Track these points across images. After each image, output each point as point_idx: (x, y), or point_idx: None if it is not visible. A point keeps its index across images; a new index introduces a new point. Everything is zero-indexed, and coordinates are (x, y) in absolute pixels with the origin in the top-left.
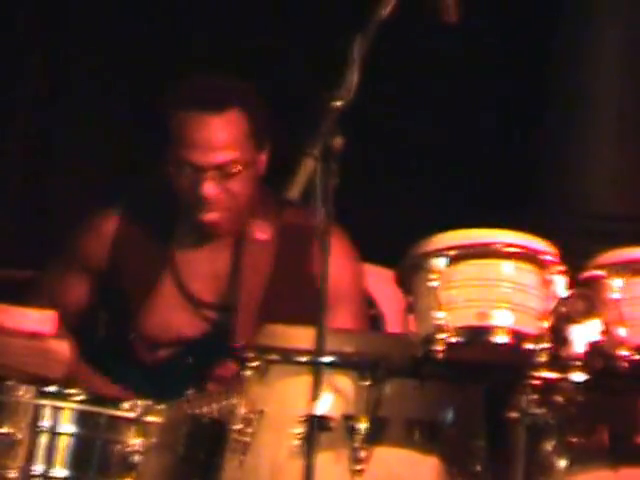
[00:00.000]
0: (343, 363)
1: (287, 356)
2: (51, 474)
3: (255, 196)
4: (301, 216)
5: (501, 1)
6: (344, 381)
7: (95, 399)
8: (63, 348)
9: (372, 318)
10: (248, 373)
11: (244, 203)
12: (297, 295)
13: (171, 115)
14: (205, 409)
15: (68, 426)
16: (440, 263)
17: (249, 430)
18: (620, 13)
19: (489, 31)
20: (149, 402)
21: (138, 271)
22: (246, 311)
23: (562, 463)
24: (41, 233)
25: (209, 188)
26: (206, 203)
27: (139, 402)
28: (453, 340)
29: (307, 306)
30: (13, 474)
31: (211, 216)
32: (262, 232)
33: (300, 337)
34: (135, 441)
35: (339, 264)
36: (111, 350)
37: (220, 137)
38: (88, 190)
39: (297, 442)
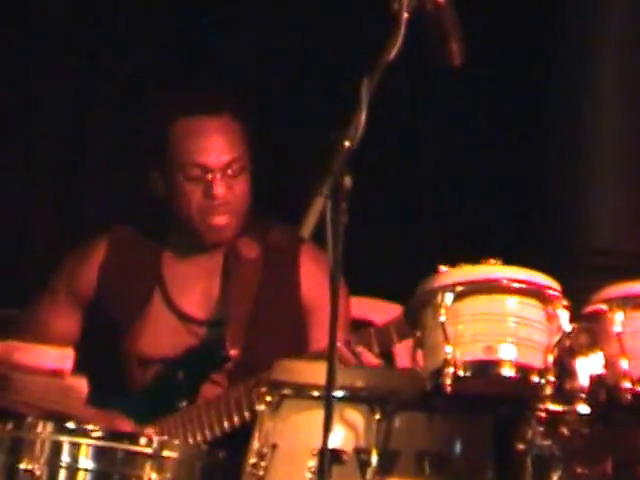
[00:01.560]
0: (354, 397)
1: (300, 391)
2: None
3: (248, 208)
4: (285, 236)
5: (500, 38)
6: (355, 415)
7: (112, 435)
8: (81, 385)
9: (382, 353)
10: (262, 408)
11: (245, 208)
12: (283, 312)
13: (170, 124)
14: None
15: (86, 461)
16: (447, 299)
17: (263, 464)
18: (619, 49)
19: (489, 75)
20: (165, 438)
21: (128, 294)
22: (235, 327)
23: None
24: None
25: (220, 188)
26: (217, 205)
27: (155, 438)
28: (461, 374)
29: (292, 323)
30: None
31: (221, 219)
32: (249, 251)
33: (312, 372)
34: (152, 476)
35: (313, 276)
36: (100, 376)
37: (222, 138)
38: None
39: (310, 475)
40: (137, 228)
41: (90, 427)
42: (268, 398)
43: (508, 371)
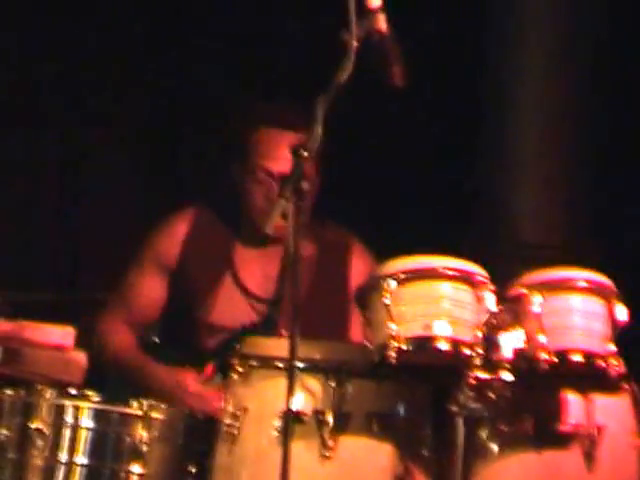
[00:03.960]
0: (312, 367)
1: (266, 362)
2: (74, 461)
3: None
4: (339, 234)
5: (433, 52)
6: (313, 382)
7: (108, 399)
8: (81, 358)
9: None
10: (234, 377)
11: (306, 214)
12: (332, 302)
13: (251, 131)
14: None
15: (87, 422)
16: (392, 284)
17: (236, 424)
18: (541, 65)
19: (425, 81)
20: (153, 401)
21: (204, 270)
22: (289, 309)
23: (494, 448)
24: (69, 258)
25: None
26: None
27: (145, 401)
28: (404, 347)
29: (339, 313)
30: (42, 462)
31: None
32: (305, 249)
33: (276, 346)
34: (142, 434)
35: (363, 273)
36: (176, 339)
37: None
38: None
39: (276, 434)
40: (215, 210)
41: (89, 393)
42: (239, 368)
43: (443, 345)
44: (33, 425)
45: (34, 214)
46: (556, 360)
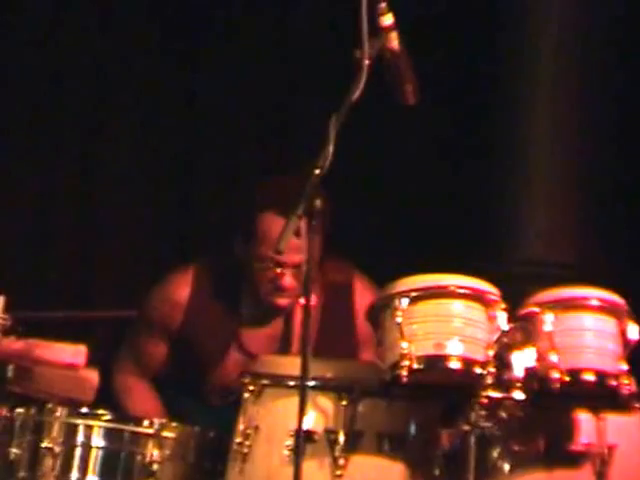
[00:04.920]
0: (324, 386)
1: (278, 381)
2: None
3: None
4: (339, 272)
5: (445, 69)
6: (325, 401)
7: (120, 418)
8: (93, 376)
9: None
10: (246, 395)
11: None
12: (340, 343)
13: (257, 215)
14: None
15: (98, 440)
16: (403, 303)
17: (247, 442)
18: (553, 80)
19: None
20: (164, 420)
21: (209, 341)
22: None
23: (506, 467)
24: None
25: (288, 282)
26: (283, 292)
27: (156, 420)
28: (415, 366)
29: (348, 352)
30: None
31: (284, 302)
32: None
33: (288, 365)
34: (154, 452)
35: (364, 311)
36: (182, 391)
37: (300, 240)
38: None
39: (287, 452)
40: (216, 270)
41: (101, 411)
42: (251, 387)
43: (455, 364)
44: (44, 444)
45: (46, 232)
46: (568, 379)
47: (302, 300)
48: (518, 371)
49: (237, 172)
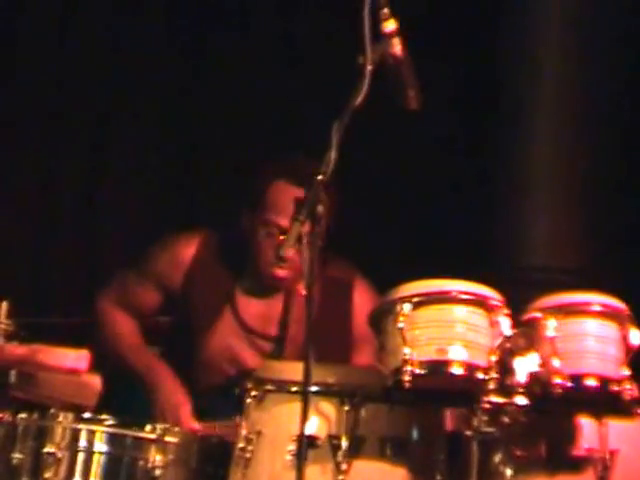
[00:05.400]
0: (326, 391)
1: (281, 386)
2: None
3: None
4: (341, 269)
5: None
6: (327, 406)
7: (123, 423)
8: (95, 381)
9: None
10: (248, 400)
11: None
12: (335, 337)
13: (269, 183)
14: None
15: (101, 446)
16: (406, 308)
17: (250, 448)
18: (556, 86)
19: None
20: (167, 425)
21: (204, 300)
22: (293, 345)
23: (508, 472)
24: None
25: (289, 251)
26: (282, 261)
27: (158, 425)
28: (417, 372)
29: (342, 348)
30: None
31: (282, 273)
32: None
33: (291, 370)
34: (156, 457)
35: (364, 309)
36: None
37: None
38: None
39: (290, 457)
40: (222, 241)
41: (103, 416)
42: (254, 393)
43: (458, 369)
44: (47, 449)
45: (48, 238)
46: (570, 384)
47: (303, 288)
48: (521, 376)
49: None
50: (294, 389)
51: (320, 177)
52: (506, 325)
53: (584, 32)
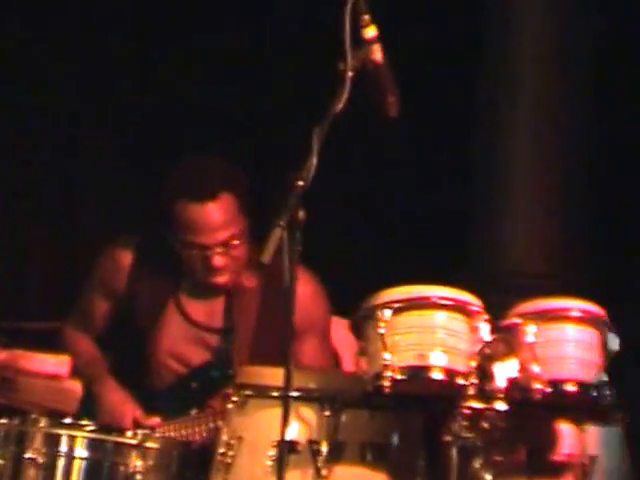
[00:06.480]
0: (307, 397)
1: (261, 392)
2: None
3: (246, 259)
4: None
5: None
6: (308, 412)
7: (103, 428)
8: (76, 387)
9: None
10: (229, 406)
11: (243, 263)
12: (280, 330)
13: (171, 204)
14: (190, 431)
15: (81, 451)
16: (386, 314)
17: (230, 453)
18: (536, 88)
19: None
20: (148, 431)
21: (148, 300)
22: (242, 337)
23: (488, 477)
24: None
25: (218, 261)
26: (216, 271)
27: (139, 431)
28: (398, 377)
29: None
30: None
31: (220, 279)
32: (249, 281)
33: (272, 376)
34: (137, 463)
35: (306, 300)
36: (128, 376)
37: (218, 219)
38: None
39: (270, 463)
40: (158, 245)
41: (84, 422)
42: (234, 398)
43: (437, 375)
44: (27, 454)
45: (29, 242)
46: (550, 390)
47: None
48: (500, 382)
49: None
50: (275, 394)
51: (301, 183)
52: (486, 331)
53: (563, 44)
